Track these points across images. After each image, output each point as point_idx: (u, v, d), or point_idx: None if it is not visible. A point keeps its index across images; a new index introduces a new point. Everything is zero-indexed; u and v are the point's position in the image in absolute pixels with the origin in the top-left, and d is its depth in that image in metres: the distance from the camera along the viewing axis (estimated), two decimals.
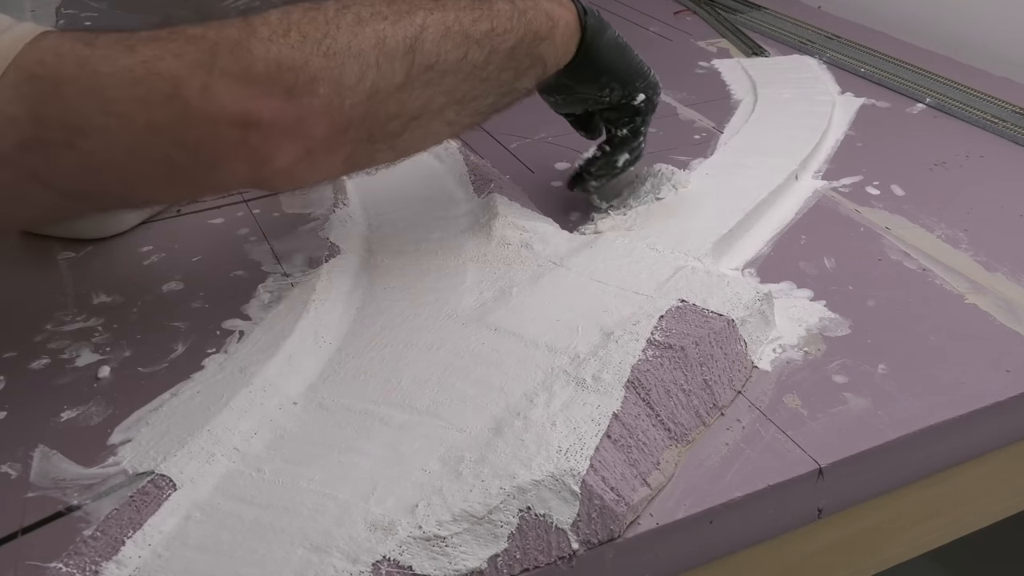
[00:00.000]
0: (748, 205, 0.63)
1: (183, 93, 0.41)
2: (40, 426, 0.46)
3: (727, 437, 0.45)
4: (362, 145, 0.47)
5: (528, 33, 0.52)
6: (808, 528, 0.45)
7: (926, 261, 0.59)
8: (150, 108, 0.41)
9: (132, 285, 0.58)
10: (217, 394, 0.47)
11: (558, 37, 0.54)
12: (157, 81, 0.41)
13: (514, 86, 0.53)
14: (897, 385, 0.48)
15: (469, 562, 0.37)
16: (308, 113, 0.44)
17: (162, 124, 0.42)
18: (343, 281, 0.55)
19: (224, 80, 0.42)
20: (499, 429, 0.41)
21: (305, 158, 0.45)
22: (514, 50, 0.51)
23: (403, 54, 0.46)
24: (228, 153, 0.43)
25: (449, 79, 0.49)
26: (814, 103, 0.82)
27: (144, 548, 0.39)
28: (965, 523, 0.52)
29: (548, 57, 0.54)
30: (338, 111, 0.45)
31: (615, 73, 0.59)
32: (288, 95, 0.43)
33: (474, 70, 0.50)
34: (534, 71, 0.54)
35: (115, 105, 0.41)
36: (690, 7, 1.15)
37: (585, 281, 0.53)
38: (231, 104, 0.42)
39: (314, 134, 0.44)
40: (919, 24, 1.03)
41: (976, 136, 0.77)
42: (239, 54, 0.42)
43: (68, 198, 0.43)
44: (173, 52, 0.42)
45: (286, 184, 0.47)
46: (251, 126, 0.43)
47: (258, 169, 0.44)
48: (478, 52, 0.50)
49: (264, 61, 0.43)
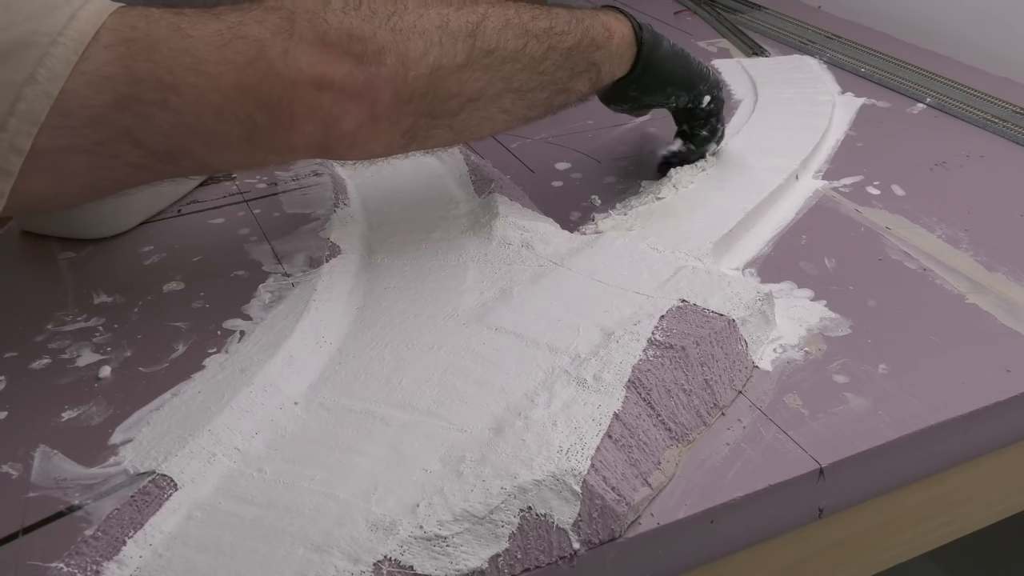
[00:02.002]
0: (748, 205, 0.63)
1: (267, 55, 0.45)
2: (41, 426, 0.46)
3: (728, 437, 0.45)
4: (423, 119, 0.50)
5: (585, 38, 0.56)
6: (808, 528, 0.45)
7: (926, 261, 0.59)
8: (238, 69, 0.44)
9: (133, 285, 0.58)
10: (218, 394, 0.47)
11: (614, 47, 0.58)
12: (243, 44, 0.45)
13: (568, 85, 0.56)
14: (897, 385, 0.48)
15: (470, 562, 0.37)
16: (375, 80, 0.47)
17: (247, 84, 0.45)
18: (344, 281, 0.55)
19: (302, 45, 0.45)
20: (500, 429, 0.41)
21: (369, 124, 0.48)
22: (571, 51, 0.55)
23: (465, 37, 0.50)
24: (303, 113, 0.46)
25: (508, 67, 0.52)
26: (814, 103, 0.82)
27: (145, 548, 0.39)
28: (965, 523, 0.52)
29: (603, 64, 0.57)
30: (402, 81, 0.48)
31: (678, 81, 0.63)
32: (358, 62, 0.47)
33: (532, 62, 0.53)
34: (588, 75, 0.57)
35: (206, 65, 0.44)
36: (690, 7, 1.15)
37: (586, 281, 0.53)
38: (308, 67, 0.45)
39: (380, 100, 0.48)
40: (919, 24, 1.03)
41: (976, 136, 0.77)
42: (315, 22, 0.46)
43: (155, 158, 0.46)
44: (256, 19, 0.45)
45: (350, 150, 0.50)
46: (324, 88, 0.46)
47: (327, 131, 0.47)
48: (536, 46, 0.53)
49: (337, 30, 0.46)
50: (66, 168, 0.43)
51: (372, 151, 0.51)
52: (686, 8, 1.14)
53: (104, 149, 0.44)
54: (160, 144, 0.45)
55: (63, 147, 0.42)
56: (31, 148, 0.41)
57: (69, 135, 0.42)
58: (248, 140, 0.47)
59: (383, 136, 0.50)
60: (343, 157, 0.50)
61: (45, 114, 0.41)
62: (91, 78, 0.42)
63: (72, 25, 0.41)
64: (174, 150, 0.46)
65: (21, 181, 0.42)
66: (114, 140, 0.44)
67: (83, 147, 0.43)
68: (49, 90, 0.41)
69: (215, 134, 0.46)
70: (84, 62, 0.41)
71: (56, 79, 0.41)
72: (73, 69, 0.41)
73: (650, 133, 0.78)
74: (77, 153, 0.43)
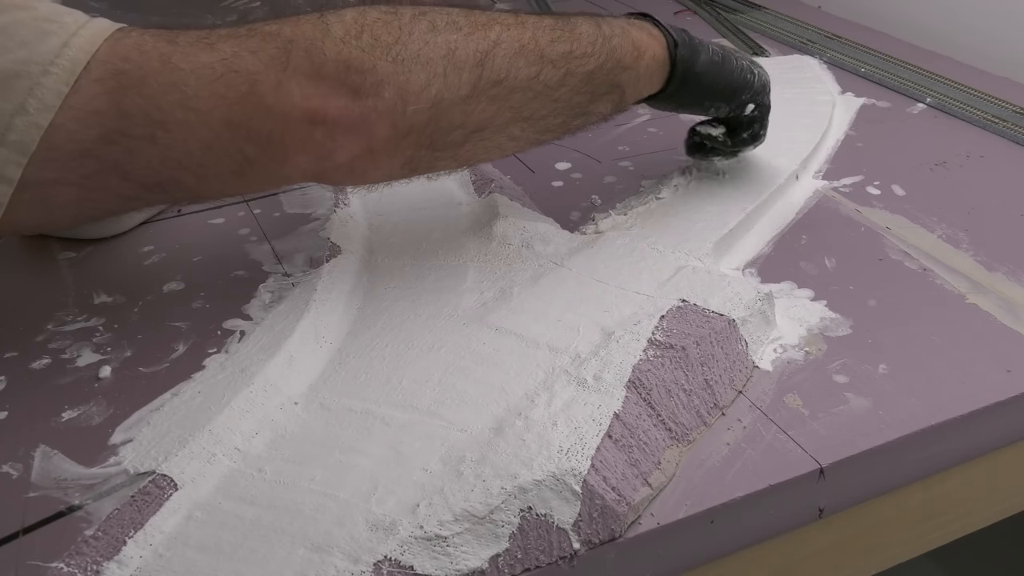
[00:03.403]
0: (749, 205, 0.63)
1: (259, 90, 0.43)
2: (41, 426, 0.46)
3: (728, 437, 0.45)
4: (423, 151, 0.48)
5: (610, 60, 0.52)
6: (808, 528, 0.45)
7: (927, 261, 0.59)
8: (228, 104, 0.43)
9: (133, 285, 0.58)
10: (218, 394, 0.47)
11: (642, 68, 0.54)
12: (235, 79, 0.43)
13: (588, 109, 0.53)
14: (898, 385, 0.48)
15: (470, 562, 0.37)
16: (371, 114, 0.45)
17: (238, 119, 0.44)
18: (344, 281, 0.55)
19: (296, 78, 0.44)
20: (500, 429, 0.41)
21: (366, 157, 0.46)
22: (592, 75, 0.52)
23: (472, 67, 0.47)
24: (295, 147, 0.45)
25: (518, 96, 0.49)
26: (815, 103, 0.82)
27: (145, 548, 0.39)
28: (965, 523, 0.52)
29: (628, 86, 0.54)
30: (400, 115, 0.46)
31: (716, 94, 0.59)
32: (354, 96, 0.45)
33: (546, 90, 0.50)
34: (610, 97, 0.54)
35: (195, 101, 0.43)
36: (690, 7, 1.15)
37: (586, 281, 0.53)
38: (301, 101, 0.44)
39: (376, 135, 0.46)
40: (919, 24, 1.03)
41: (976, 136, 0.77)
42: (312, 53, 0.44)
43: (144, 189, 0.45)
44: (250, 49, 0.44)
45: (347, 180, 0.49)
46: (318, 122, 0.45)
47: (321, 163, 0.46)
48: (552, 72, 0.50)
49: (335, 62, 0.44)
50: (55, 199, 0.43)
51: (371, 180, 0.50)
52: (686, 8, 1.14)
53: (92, 182, 0.43)
54: (149, 177, 0.44)
55: (51, 179, 0.42)
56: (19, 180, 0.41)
57: (57, 168, 0.42)
58: (239, 172, 0.46)
59: (382, 167, 0.48)
60: (342, 184, 0.49)
61: (35, 145, 0.40)
62: (79, 113, 0.41)
63: (64, 54, 0.41)
64: (164, 181, 0.45)
65: (10, 211, 0.41)
66: (102, 173, 0.43)
67: (71, 180, 0.42)
68: (39, 121, 0.40)
69: (205, 167, 0.45)
70: (73, 95, 0.41)
71: (47, 110, 0.40)
72: (62, 103, 0.40)
73: (650, 133, 0.78)
74: (65, 186, 0.43)
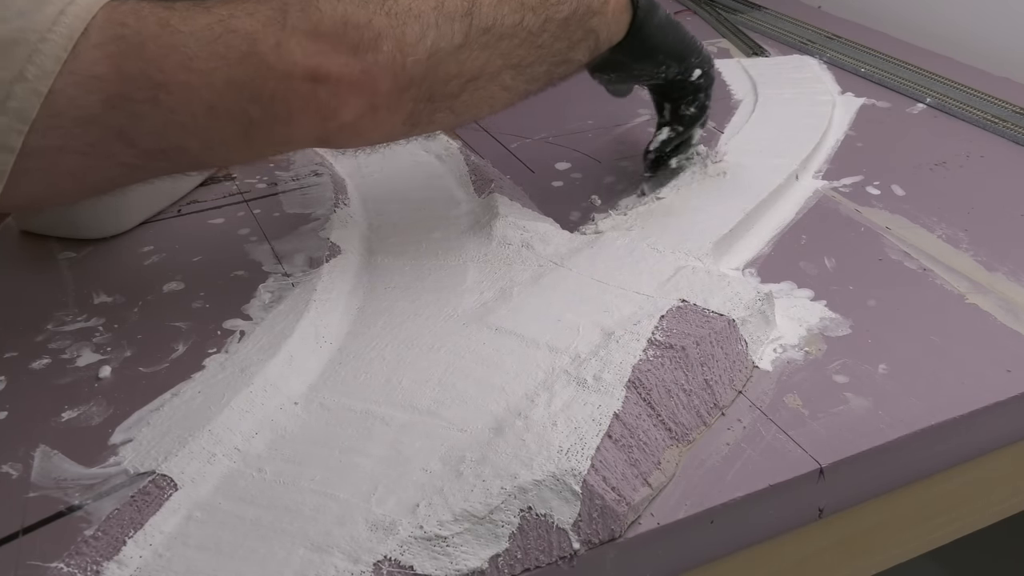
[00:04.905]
0: (748, 205, 0.63)
1: (259, 49, 0.44)
2: (41, 426, 0.46)
3: (728, 437, 0.45)
4: (423, 104, 0.49)
5: (581, 6, 0.54)
6: (808, 528, 0.45)
7: (926, 261, 0.59)
8: (229, 64, 0.43)
9: (133, 285, 0.58)
10: (218, 394, 0.47)
11: (610, 13, 0.56)
12: (234, 38, 0.43)
13: (568, 56, 0.55)
14: (898, 385, 0.48)
15: (470, 562, 0.37)
16: (373, 68, 0.46)
17: (240, 79, 0.44)
18: (344, 281, 0.55)
19: (296, 36, 0.44)
20: (500, 429, 0.41)
21: (369, 113, 0.47)
22: (567, 20, 0.54)
23: (461, 16, 0.49)
24: (299, 107, 0.45)
25: (505, 43, 0.51)
26: (814, 103, 0.82)
27: (145, 548, 0.39)
28: (965, 523, 0.52)
29: (600, 31, 0.56)
30: (400, 68, 0.47)
31: (670, 50, 0.61)
32: (354, 51, 0.45)
33: (529, 36, 0.52)
34: (586, 43, 0.56)
35: (196, 62, 0.43)
36: (690, 7, 1.15)
37: (586, 281, 0.53)
38: (303, 59, 0.44)
39: (378, 89, 0.46)
40: (919, 24, 1.03)
41: (976, 136, 0.77)
42: (308, 11, 0.45)
43: (149, 157, 0.45)
44: (247, 10, 0.44)
45: (351, 140, 0.49)
46: (320, 80, 0.45)
47: (326, 123, 0.46)
48: (533, 18, 0.52)
49: (331, 18, 0.45)
50: (59, 168, 0.43)
51: (373, 140, 0.50)
52: (686, 8, 1.14)
53: (97, 149, 0.43)
54: (154, 142, 0.44)
55: (55, 147, 0.42)
56: (22, 147, 0.41)
57: (60, 135, 0.42)
58: (244, 135, 0.46)
59: (384, 125, 0.49)
60: (344, 147, 0.50)
61: (35, 112, 0.40)
62: (80, 78, 0.41)
63: (61, 21, 0.41)
64: (168, 148, 0.45)
65: (13, 181, 0.41)
66: (106, 140, 0.43)
67: (75, 148, 0.42)
68: (39, 88, 0.40)
69: (209, 130, 0.45)
70: (73, 61, 0.41)
71: (46, 76, 0.40)
72: (62, 68, 0.40)
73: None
74: (69, 153, 0.43)
